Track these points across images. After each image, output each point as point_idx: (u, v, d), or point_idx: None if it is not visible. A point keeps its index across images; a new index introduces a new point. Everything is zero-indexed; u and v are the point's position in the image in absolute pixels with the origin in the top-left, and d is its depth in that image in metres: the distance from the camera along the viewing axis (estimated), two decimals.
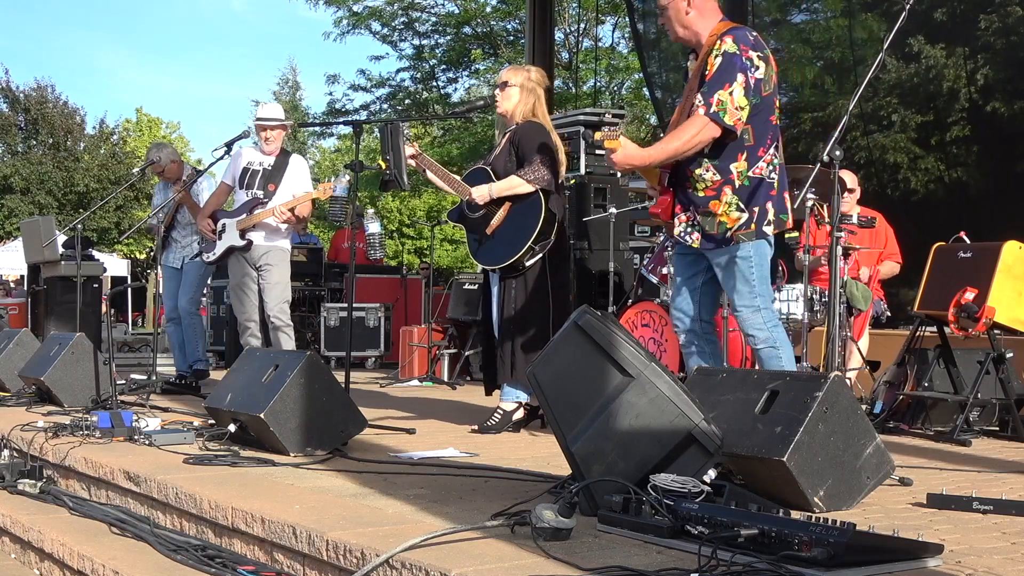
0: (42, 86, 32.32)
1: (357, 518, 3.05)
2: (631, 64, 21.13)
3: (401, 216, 31.18)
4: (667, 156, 4.27)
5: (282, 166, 6.90)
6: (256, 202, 6.79)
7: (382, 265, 12.45)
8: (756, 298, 4.27)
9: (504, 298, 5.30)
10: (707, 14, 4.33)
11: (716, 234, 4.28)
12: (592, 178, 8.85)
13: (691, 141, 4.19)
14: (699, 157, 4.27)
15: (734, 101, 4.14)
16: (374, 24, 23.57)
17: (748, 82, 4.15)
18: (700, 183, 4.30)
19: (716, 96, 4.14)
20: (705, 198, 4.29)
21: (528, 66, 5.60)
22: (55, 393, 6.09)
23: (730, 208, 4.25)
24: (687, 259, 4.49)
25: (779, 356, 4.28)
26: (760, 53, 4.22)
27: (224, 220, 6.91)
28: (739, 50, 4.16)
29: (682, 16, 4.32)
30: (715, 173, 4.26)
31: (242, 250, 6.82)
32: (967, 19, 8.98)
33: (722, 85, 4.14)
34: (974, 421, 5.18)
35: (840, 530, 2.33)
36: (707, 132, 4.17)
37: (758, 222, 4.26)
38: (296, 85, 41.69)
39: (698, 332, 4.49)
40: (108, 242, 29.41)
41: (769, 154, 4.28)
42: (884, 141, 9.57)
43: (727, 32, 4.23)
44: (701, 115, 4.17)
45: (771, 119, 4.29)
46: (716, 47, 4.19)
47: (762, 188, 4.26)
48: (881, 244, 6.81)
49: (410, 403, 6.90)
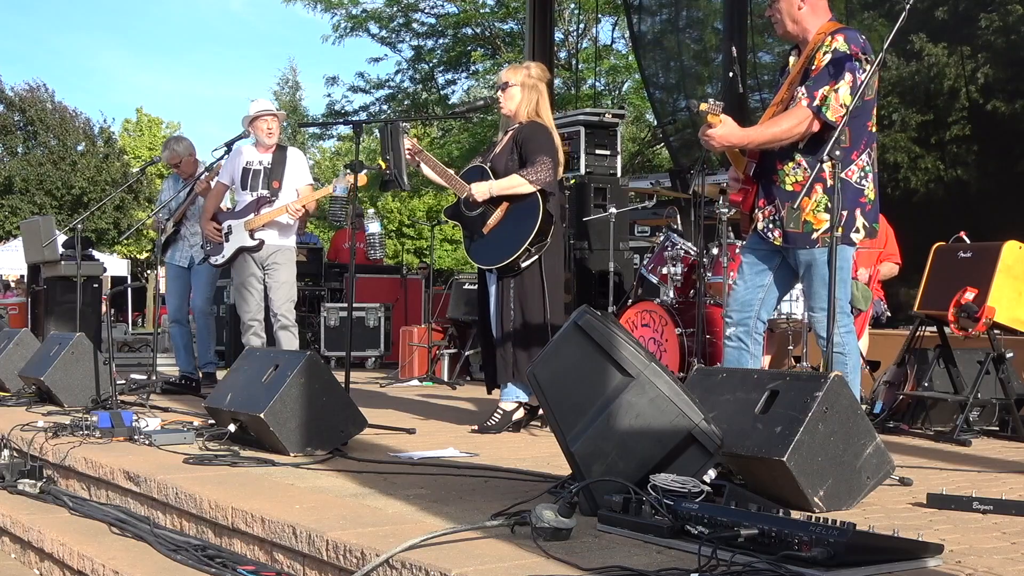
0: (34, 87, 32.35)
1: (357, 518, 3.05)
2: (631, 64, 21.13)
3: (401, 216, 31.19)
4: (765, 140, 4.22)
5: (281, 162, 6.86)
6: (263, 201, 6.75)
7: (382, 265, 12.45)
8: (835, 300, 4.23)
9: (501, 298, 5.30)
10: (819, 11, 4.30)
11: (800, 232, 4.24)
12: (592, 178, 8.84)
13: (791, 130, 4.16)
14: (791, 151, 4.24)
15: (839, 98, 4.10)
16: (372, 27, 23.57)
17: (855, 82, 4.11)
18: (789, 177, 4.27)
19: (821, 91, 4.12)
20: (793, 193, 4.21)
21: (527, 63, 5.60)
22: (55, 393, 6.09)
23: (818, 208, 4.21)
24: (760, 253, 4.43)
25: (845, 363, 4.20)
26: (868, 56, 4.18)
27: (229, 222, 6.83)
28: (850, 50, 4.14)
29: (794, 11, 4.28)
30: (806, 169, 4.21)
31: (253, 250, 6.78)
32: (968, 18, 8.99)
33: (828, 81, 4.12)
34: (974, 421, 5.18)
35: (840, 530, 2.33)
36: (807, 124, 4.13)
37: (846, 226, 4.20)
38: (296, 85, 41.72)
39: (750, 328, 4.43)
40: (107, 243, 29.41)
41: (862, 159, 4.23)
42: (884, 140, 9.56)
43: (838, 31, 4.20)
44: (804, 107, 4.13)
45: (868, 125, 4.25)
46: (827, 43, 4.17)
47: (851, 192, 4.20)
48: (881, 244, 6.80)
49: (410, 403, 6.90)
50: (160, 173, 33.23)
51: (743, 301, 4.44)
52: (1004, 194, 8.64)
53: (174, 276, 7.99)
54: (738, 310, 4.45)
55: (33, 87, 32.31)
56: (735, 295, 4.51)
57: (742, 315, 4.44)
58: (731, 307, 4.51)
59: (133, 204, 31.04)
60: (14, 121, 31.85)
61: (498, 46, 23.36)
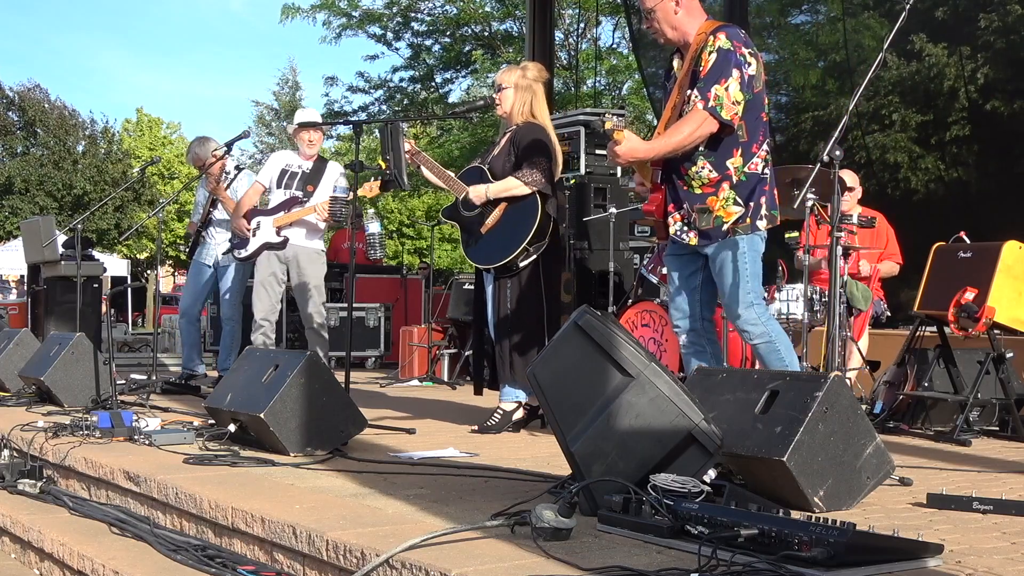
0: (30, 87, 32.34)
1: (357, 518, 3.05)
2: (631, 64, 21.12)
3: (401, 216, 31.18)
4: (669, 150, 4.27)
5: (320, 170, 6.93)
6: (295, 200, 6.79)
7: (382, 265, 12.45)
8: (748, 294, 4.28)
9: (499, 298, 5.30)
10: (694, 13, 4.36)
11: (711, 229, 4.29)
12: (592, 178, 8.84)
13: (692, 135, 4.21)
14: (694, 154, 4.29)
15: (730, 96, 4.17)
16: (371, 28, 23.54)
17: (743, 77, 4.19)
18: (696, 180, 4.31)
19: (712, 91, 4.17)
20: (703, 195, 4.30)
21: (524, 63, 5.60)
22: (55, 393, 6.09)
23: (727, 203, 4.27)
24: (683, 258, 4.49)
25: (777, 349, 4.29)
26: (751, 50, 4.26)
27: (259, 218, 6.88)
28: (732, 46, 4.21)
29: (671, 17, 4.34)
30: (712, 170, 4.27)
31: (277, 247, 6.81)
32: (968, 18, 8.98)
33: (718, 80, 4.17)
34: (974, 421, 5.18)
35: (840, 530, 2.33)
36: (706, 127, 4.20)
37: (753, 216, 4.28)
38: (296, 85, 41.66)
39: (699, 331, 4.50)
40: (107, 243, 29.40)
41: (763, 150, 4.31)
42: (884, 140, 9.57)
43: (718, 29, 4.25)
44: (700, 109, 4.18)
45: (762, 116, 4.32)
46: (710, 43, 4.22)
47: (757, 183, 4.29)
48: (881, 244, 6.80)
49: (410, 403, 6.90)
50: (161, 174, 33.27)
51: (683, 310, 4.49)
52: (1004, 194, 8.64)
53: (195, 273, 8.05)
54: (681, 318, 4.50)
55: (29, 87, 32.33)
56: (674, 306, 4.55)
57: (687, 322, 4.49)
58: (674, 317, 4.55)
59: (134, 204, 31.03)
60: (13, 121, 31.84)
61: (497, 46, 23.35)
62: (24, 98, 31.79)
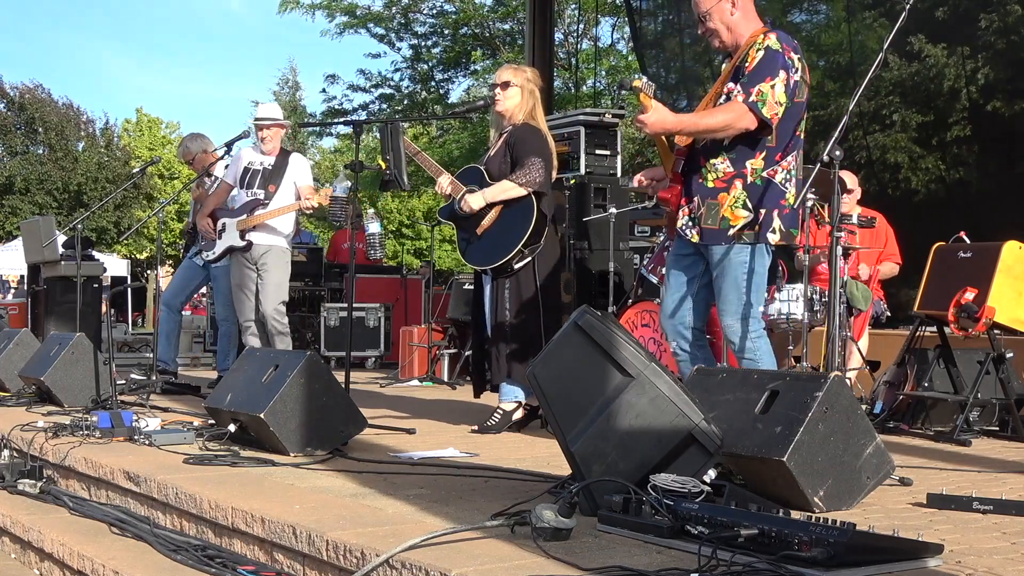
0: (31, 87, 32.33)
1: (357, 518, 3.05)
2: (631, 64, 21.11)
3: (401, 216, 31.18)
4: (699, 130, 4.17)
5: (282, 166, 6.93)
6: (256, 203, 6.83)
7: (382, 265, 12.45)
8: (744, 306, 4.17)
9: (496, 298, 5.30)
10: (749, 17, 4.27)
11: (716, 230, 4.19)
12: (592, 178, 8.84)
13: (724, 123, 4.10)
14: (718, 146, 4.18)
15: (774, 95, 4.06)
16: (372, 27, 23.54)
17: (789, 80, 4.09)
18: (712, 173, 4.21)
19: (757, 87, 4.06)
20: (714, 189, 4.20)
21: (524, 66, 5.60)
22: (55, 393, 6.08)
23: (736, 204, 4.16)
24: (685, 261, 4.39)
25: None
26: (800, 56, 4.16)
27: (224, 220, 6.94)
28: (782, 48, 4.11)
29: (727, 17, 4.22)
30: (729, 164, 4.17)
31: (242, 250, 6.84)
32: (968, 18, 8.98)
33: (763, 78, 4.07)
34: (974, 421, 5.18)
35: (840, 530, 2.33)
36: (743, 120, 4.07)
37: (763, 225, 4.15)
38: (296, 85, 41.71)
39: (689, 340, 4.39)
40: (107, 242, 29.40)
41: (787, 161, 4.19)
42: (885, 141, 9.57)
43: (770, 31, 4.18)
44: (740, 102, 4.07)
45: (797, 130, 4.21)
46: (759, 41, 4.13)
47: (772, 192, 4.16)
48: (881, 244, 6.80)
49: (410, 403, 6.90)
50: (160, 173, 33.27)
51: (674, 315, 4.40)
52: (1004, 194, 8.63)
53: (185, 268, 8.08)
54: (672, 326, 4.42)
55: (31, 87, 32.32)
56: (664, 311, 4.48)
57: (676, 329, 4.41)
58: (663, 323, 4.48)
59: (135, 202, 31.02)
60: (13, 120, 31.82)
61: (497, 46, 23.34)
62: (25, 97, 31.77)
